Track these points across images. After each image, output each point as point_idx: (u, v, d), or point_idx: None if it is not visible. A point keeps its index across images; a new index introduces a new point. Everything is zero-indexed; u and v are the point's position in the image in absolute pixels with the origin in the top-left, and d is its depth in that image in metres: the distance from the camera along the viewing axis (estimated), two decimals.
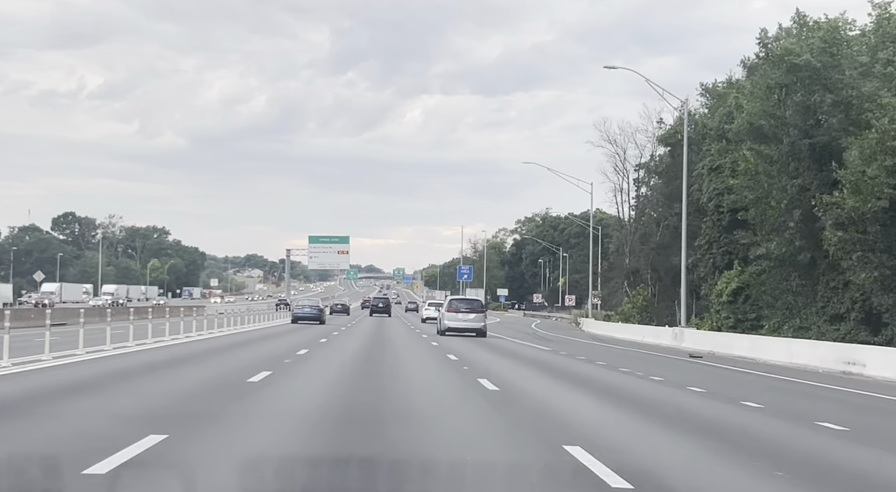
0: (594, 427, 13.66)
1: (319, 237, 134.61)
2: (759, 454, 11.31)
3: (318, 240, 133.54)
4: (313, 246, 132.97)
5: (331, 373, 22.36)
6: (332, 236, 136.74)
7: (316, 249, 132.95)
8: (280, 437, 11.62)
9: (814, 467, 10.72)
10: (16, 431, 11.22)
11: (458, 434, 12.28)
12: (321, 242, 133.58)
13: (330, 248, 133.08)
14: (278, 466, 9.35)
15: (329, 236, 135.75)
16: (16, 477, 8.54)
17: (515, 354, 34.97)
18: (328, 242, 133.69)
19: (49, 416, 12.62)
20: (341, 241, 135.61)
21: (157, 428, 11.16)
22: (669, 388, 21.78)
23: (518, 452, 10.97)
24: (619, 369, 28.27)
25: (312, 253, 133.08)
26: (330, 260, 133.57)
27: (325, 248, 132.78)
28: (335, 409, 14.80)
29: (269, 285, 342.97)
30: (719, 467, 10.54)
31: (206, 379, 19.65)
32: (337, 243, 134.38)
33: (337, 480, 9.02)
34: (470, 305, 49.80)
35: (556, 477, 9.40)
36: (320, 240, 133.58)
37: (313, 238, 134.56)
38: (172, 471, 8.95)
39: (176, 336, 37.70)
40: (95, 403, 14.51)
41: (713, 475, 10.02)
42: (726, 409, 17.18)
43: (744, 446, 11.99)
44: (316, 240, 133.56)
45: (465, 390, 18.76)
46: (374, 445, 10.84)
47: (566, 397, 18.40)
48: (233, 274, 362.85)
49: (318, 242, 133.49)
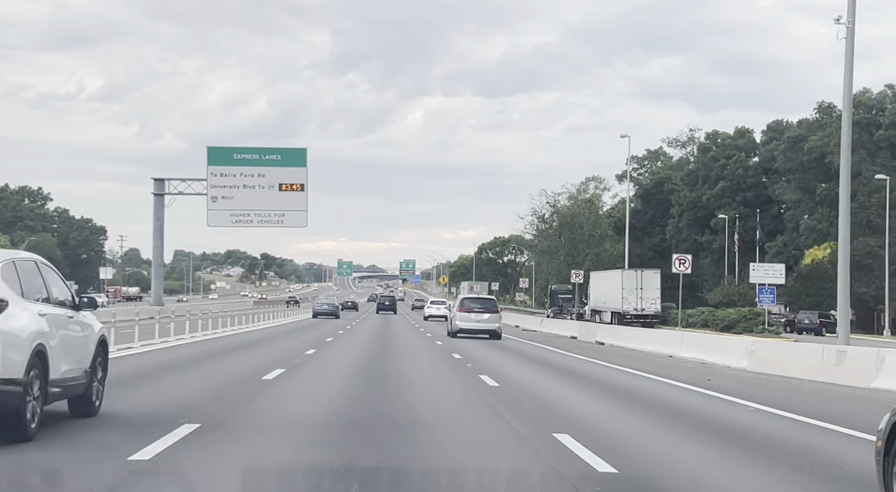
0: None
1: (232, 150, 61.53)
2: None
3: (231, 158, 60.52)
4: (222, 169, 59.90)
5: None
6: (262, 149, 63.04)
7: (224, 176, 60.07)
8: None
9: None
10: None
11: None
12: (237, 162, 60.53)
13: (257, 176, 60.20)
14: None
15: (250, 148, 62.22)
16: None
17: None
18: (250, 162, 60.54)
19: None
20: (283, 160, 61.71)
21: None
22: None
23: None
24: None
25: (218, 189, 60.13)
26: (260, 202, 60.51)
27: (246, 173, 59.98)
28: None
29: (248, 284, 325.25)
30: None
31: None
32: (273, 166, 60.94)
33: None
34: (484, 305, 47.06)
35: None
36: (236, 159, 60.54)
37: (217, 151, 61.37)
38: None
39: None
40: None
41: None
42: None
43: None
44: (221, 157, 60.45)
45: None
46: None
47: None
48: (209, 273, 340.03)
49: (231, 162, 60.50)
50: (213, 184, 60.04)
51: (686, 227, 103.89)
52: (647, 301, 68.51)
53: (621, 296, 67.77)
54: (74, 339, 12.47)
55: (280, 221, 61.30)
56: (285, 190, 60.57)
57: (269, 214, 61.11)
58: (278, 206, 60.91)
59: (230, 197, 60.24)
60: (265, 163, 60.56)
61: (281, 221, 61.35)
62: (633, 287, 68.73)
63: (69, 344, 12.16)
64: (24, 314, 11.00)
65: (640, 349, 37.16)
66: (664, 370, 26.65)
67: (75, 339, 12.51)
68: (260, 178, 60.33)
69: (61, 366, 11.76)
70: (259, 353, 28.89)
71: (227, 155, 60.50)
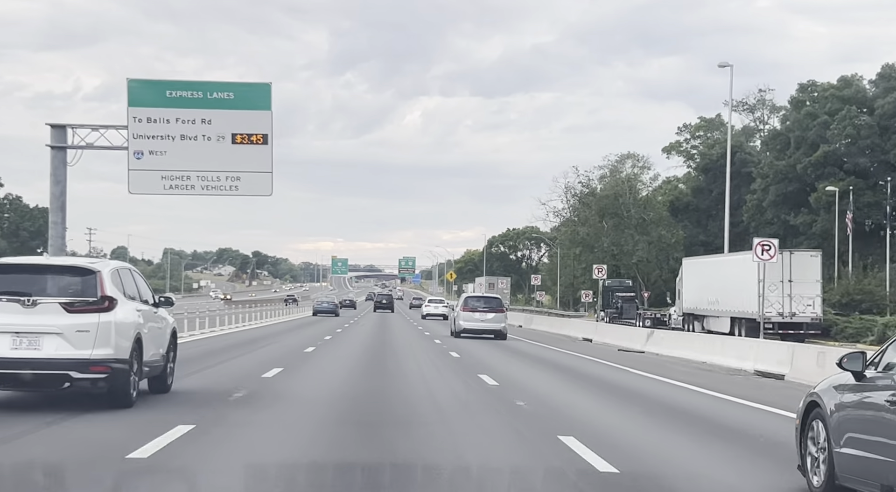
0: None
1: (164, 85, 43.58)
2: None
3: (162, 97, 42.60)
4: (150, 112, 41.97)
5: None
6: (208, 83, 44.73)
7: (153, 122, 42.21)
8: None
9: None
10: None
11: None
12: (171, 102, 42.48)
13: (201, 122, 42.35)
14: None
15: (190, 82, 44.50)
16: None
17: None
18: (190, 102, 42.54)
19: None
20: (239, 99, 43.61)
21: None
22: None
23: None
24: None
25: (144, 141, 42.24)
26: (205, 160, 42.54)
27: (185, 117, 42.19)
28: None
29: (238, 284, 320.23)
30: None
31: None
32: (223, 108, 42.92)
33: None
34: (488, 304, 45.93)
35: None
36: (171, 98, 42.61)
37: (141, 87, 43.29)
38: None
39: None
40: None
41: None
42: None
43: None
44: (147, 94, 42.47)
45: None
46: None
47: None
48: (200, 272, 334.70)
49: (163, 102, 42.47)
50: (138, 133, 41.40)
51: (772, 205, 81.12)
52: (799, 301, 44.78)
53: (758, 292, 40.75)
54: (157, 330, 16.06)
55: (234, 186, 42.48)
56: (241, 142, 41.86)
57: (217, 177, 42.28)
58: (231, 165, 42.09)
59: (161, 152, 41.55)
60: (212, 103, 41.78)
61: (235, 188, 42.50)
62: (778, 278, 44.23)
63: (154, 334, 15.76)
64: (128, 310, 14.63)
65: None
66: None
67: (157, 330, 16.11)
68: (205, 125, 41.61)
69: (150, 350, 15.32)
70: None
71: (156, 92, 41.74)
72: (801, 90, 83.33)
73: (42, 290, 14.02)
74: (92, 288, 14.00)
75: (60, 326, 13.65)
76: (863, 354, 9.27)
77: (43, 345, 13.61)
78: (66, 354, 13.61)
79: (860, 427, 8.75)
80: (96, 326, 13.73)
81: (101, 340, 13.74)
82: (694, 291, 54.02)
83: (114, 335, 13.87)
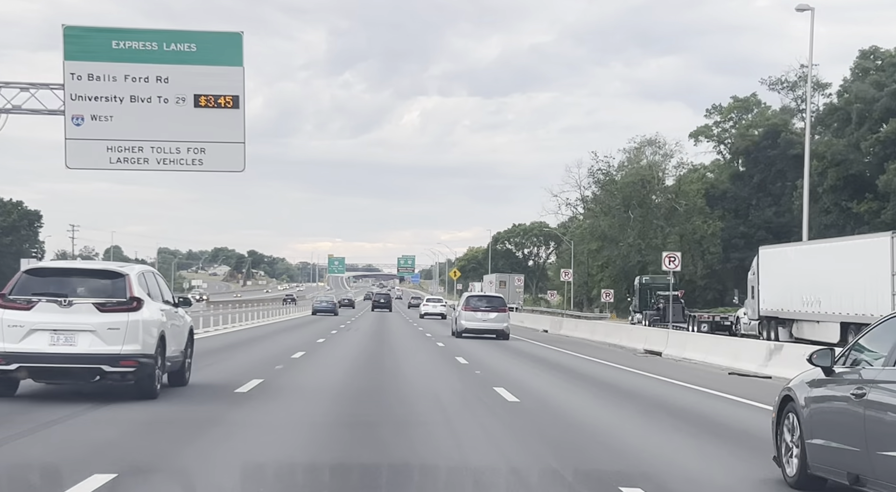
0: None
1: (109, 34, 35.60)
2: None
3: (108, 48, 34.70)
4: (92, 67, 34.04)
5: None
6: (163, 32, 36.65)
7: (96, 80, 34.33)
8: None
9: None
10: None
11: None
12: (119, 55, 34.55)
13: (156, 80, 34.40)
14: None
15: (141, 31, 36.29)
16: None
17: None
18: (142, 55, 34.60)
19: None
20: (203, 53, 35.55)
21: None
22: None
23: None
24: None
25: (86, 103, 34.40)
26: (162, 127, 34.55)
27: (136, 74, 34.36)
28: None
29: (232, 283, 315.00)
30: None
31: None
32: (184, 63, 34.88)
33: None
34: (491, 304, 45.91)
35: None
36: (117, 49, 34.69)
37: (81, 36, 35.34)
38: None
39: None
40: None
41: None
42: None
43: None
44: (89, 45, 34.46)
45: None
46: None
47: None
48: (195, 272, 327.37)
49: (109, 56, 34.58)
50: (76, 93, 33.48)
51: (829, 191, 70.92)
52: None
53: (888, 288, 31.91)
54: (177, 328, 17.14)
55: (198, 160, 34.42)
56: (206, 105, 33.93)
57: (177, 149, 34.20)
58: (194, 134, 34.07)
59: (106, 117, 33.61)
60: (170, 57, 33.75)
61: (199, 162, 34.46)
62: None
63: (175, 332, 16.82)
64: (153, 310, 15.74)
65: None
66: None
67: (177, 328, 17.19)
68: (161, 84, 33.69)
69: (171, 347, 16.46)
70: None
71: (100, 42, 33.60)
72: (862, 57, 73.41)
73: (76, 291, 15.30)
74: (121, 290, 15.29)
75: (94, 324, 14.89)
76: (831, 351, 9.48)
77: (78, 341, 14.85)
78: (99, 349, 14.86)
79: (829, 419, 9.11)
80: (126, 325, 14.97)
81: (130, 337, 14.98)
82: (778, 288, 43.92)
83: (141, 333, 15.11)
